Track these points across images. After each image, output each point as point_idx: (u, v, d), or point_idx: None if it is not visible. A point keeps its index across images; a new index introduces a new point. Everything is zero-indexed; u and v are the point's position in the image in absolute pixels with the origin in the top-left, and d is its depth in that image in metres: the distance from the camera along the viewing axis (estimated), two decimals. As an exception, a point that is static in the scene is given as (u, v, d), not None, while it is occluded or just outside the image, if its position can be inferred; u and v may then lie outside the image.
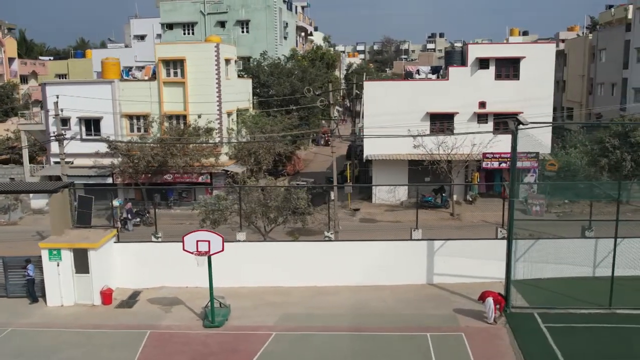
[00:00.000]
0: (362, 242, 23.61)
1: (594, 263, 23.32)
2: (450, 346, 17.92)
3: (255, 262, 22.89)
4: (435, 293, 22.28)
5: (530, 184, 34.20)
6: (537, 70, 33.32)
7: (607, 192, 24.83)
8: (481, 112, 34.03)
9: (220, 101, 34.36)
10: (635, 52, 47.59)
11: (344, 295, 22.12)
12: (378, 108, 34.01)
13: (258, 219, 24.56)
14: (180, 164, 31.93)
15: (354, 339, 18.49)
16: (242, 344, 18.40)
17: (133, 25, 60.71)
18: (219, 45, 34.38)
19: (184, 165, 32.23)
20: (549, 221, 29.03)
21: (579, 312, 20.13)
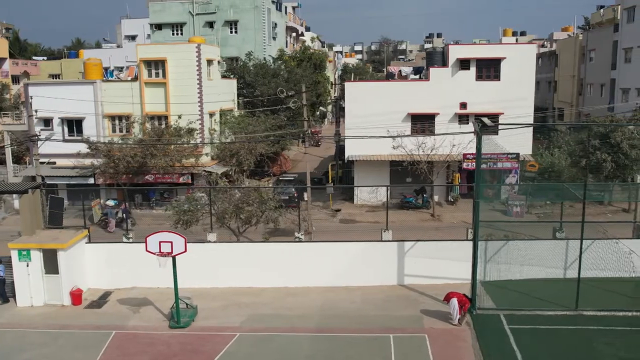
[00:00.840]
0: (333, 243, 23.64)
1: (564, 264, 23.32)
2: (412, 347, 17.92)
3: (226, 262, 22.94)
4: (404, 294, 22.29)
5: (512, 185, 34.17)
6: (517, 71, 33.29)
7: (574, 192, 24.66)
8: (462, 112, 34.01)
9: (201, 102, 34.41)
10: (623, 53, 47.51)
11: (314, 297, 22.14)
12: (359, 109, 34.03)
13: (231, 220, 24.57)
14: (160, 164, 31.97)
15: (317, 340, 18.51)
16: (205, 344, 18.43)
17: (124, 26, 60.81)
18: (200, 46, 34.43)
19: (164, 166, 32.27)
20: (515, 223, 28.98)
21: (545, 314, 20.09)
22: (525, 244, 23.61)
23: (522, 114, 32.91)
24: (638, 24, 44.94)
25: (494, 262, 23.51)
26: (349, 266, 22.70)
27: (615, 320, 19.50)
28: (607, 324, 19.20)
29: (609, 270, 23.24)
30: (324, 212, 35.83)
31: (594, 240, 23.33)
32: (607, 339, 18.15)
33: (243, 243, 23.85)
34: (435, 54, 35.30)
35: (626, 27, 47.04)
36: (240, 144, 33.75)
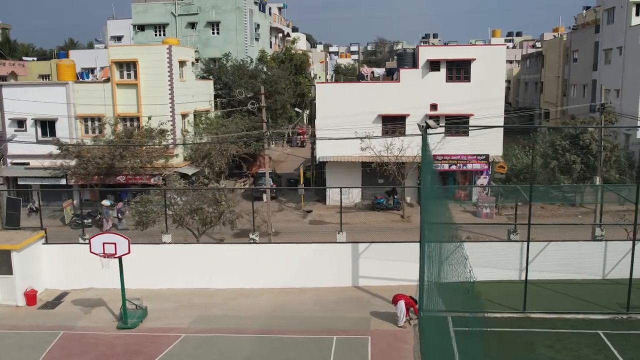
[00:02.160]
0: (288, 245, 23.73)
1: (519, 266, 23.31)
2: (353, 349, 17.96)
3: (182, 264, 23.03)
4: (357, 296, 22.34)
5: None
6: (488, 72, 33.26)
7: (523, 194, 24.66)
8: (433, 114, 34.00)
9: (172, 103, 34.53)
10: (603, 54, 47.43)
11: (266, 298, 22.21)
12: (330, 110, 34.08)
13: (189, 221, 24.66)
14: (130, 165, 32.09)
15: (260, 341, 18.58)
16: (148, 345, 18.51)
17: (110, 26, 61.02)
18: (171, 47, 34.54)
19: (134, 167, 32.38)
20: (467, 224, 28.95)
21: (492, 316, 20.11)
22: (483, 246, 23.67)
23: (493, 115, 32.87)
24: (617, 26, 44.85)
25: (449, 263, 23.55)
26: (303, 268, 22.75)
27: (561, 322, 19.50)
28: (552, 327, 19.21)
29: (564, 273, 23.32)
30: (295, 213, 35.91)
31: (549, 242, 23.40)
32: (550, 341, 18.18)
33: (198, 244, 23.96)
34: (406, 55, 35.31)
35: (606, 28, 46.97)
36: (211, 145, 33.86)
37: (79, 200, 35.62)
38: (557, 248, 23.09)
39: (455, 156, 33.03)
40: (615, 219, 26.72)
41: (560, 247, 23.15)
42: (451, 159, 33.17)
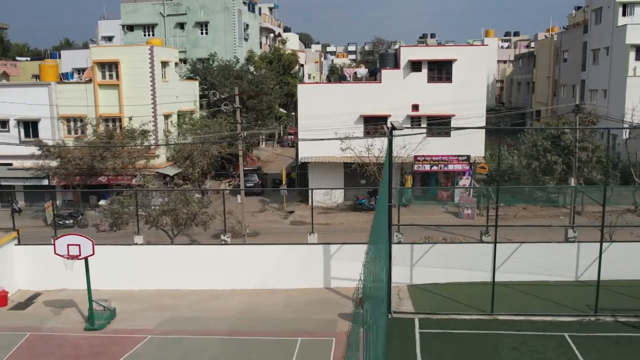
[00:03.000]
0: (259, 246, 23.73)
1: (492, 268, 23.22)
2: (316, 351, 17.94)
3: (153, 265, 23.03)
4: (328, 297, 22.31)
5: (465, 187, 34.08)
6: (469, 73, 33.18)
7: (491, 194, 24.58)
8: (414, 114, 33.96)
9: (154, 103, 34.53)
10: (591, 54, 47.31)
11: (237, 299, 22.20)
12: (312, 111, 34.05)
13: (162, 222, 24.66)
14: (110, 166, 32.11)
15: (224, 343, 18.57)
16: (113, 347, 18.51)
17: (101, 27, 61.06)
18: (153, 48, 34.54)
19: (114, 168, 32.39)
20: (433, 226, 28.92)
21: (460, 318, 20.07)
22: (454, 247, 23.62)
23: (475, 115, 32.82)
24: (605, 26, 44.74)
25: (421, 265, 23.52)
26: (274, 269, 22.75)
27: (528, 324, 19.43)
28: (519, 329, 19.15)
29: (536, 274, 23.25)
30: (277, 214, 35.91)
31: (521, 243, 23.33)
32: (515, 344, 18.12)
33: (169, 245, 23.95)
34: (388, 55, 35.25)
35: (594, 28, 46.87)
36: (193, 146, 33.86)
37: (62, 201, 35.66)
38: (529, 249, 23.04)
39: (436, 157, 32.97)
40: (592, 221, 26.65)
41: (532, 248, 23.10)
42: (432, 159, 33.09)
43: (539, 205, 31.94)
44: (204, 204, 24.15)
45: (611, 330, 19.05)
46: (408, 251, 23.16)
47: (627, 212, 27.81)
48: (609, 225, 22.78)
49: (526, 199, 36.07)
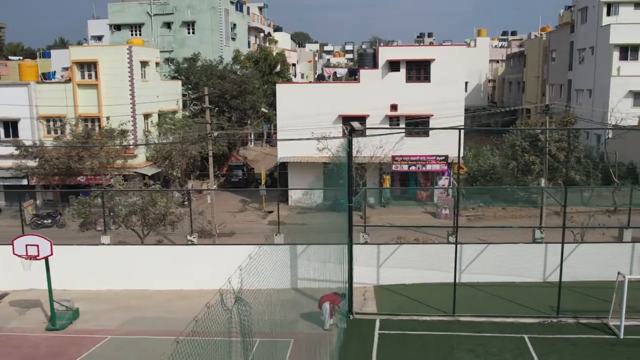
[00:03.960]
0: (226, 246, 23.75)
1: (459, 269, 23.15)
2: (272, 352, 17.88)
3: (121, 265, 23.04)
4: (293, 297, 22.21)
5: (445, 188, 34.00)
6: (447, 72, 33.08)
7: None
8: (393, 114, 33.88)
9: (133, 103, 34.54)
10: (577, 54, 47.16)
11: (203, 300, 21.95)
12: (291, 111, 34.00)
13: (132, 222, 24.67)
14: (87, 166, 32.14)
15: (182, 343, 18.54)
16: (71, 347, 18.54)
17: (90, 26, 61.12)
18: (131, 48, 34.55)
19: (92, 168, 32.41)
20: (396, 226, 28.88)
21: (422, 319, 20.02)
22: (420, 248, 23.55)
23: (454, 115, 32.73)
24: (590, 25, 44.59)
25: (389, 266, 23.48)
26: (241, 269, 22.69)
27: (489, 326, 19.36)
28: (480, 330, 19.08)
29: (504, 275, 23.16)
30: (256, 214, 35.90)
31: (488, 244, 23.26)
32: (473, 345, 18.05)
33: (136, 246, 23.97)
34: (366, 55, 35.17)
35: (580, 28, 46.72)
36: (171, 146, 33.87)
37: (42, 201, 35.73)
38: (496, 250, 22.97)
39: (414, 157, 32.90)
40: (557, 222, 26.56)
41: (500, 249, 23.02)
42: (410, 159, 33.03)
43: (514, 206, 31.84)
44: (171, 204, 24.12)
45: (572, 332, 18.96)
46: (375, 252, 23.16)
47: (606, 212, 27.68)
48: (570, 227, 22.69)
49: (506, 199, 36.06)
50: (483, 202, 34.67)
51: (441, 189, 33.89)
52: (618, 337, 18.34)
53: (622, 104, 40.66)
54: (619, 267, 22.35)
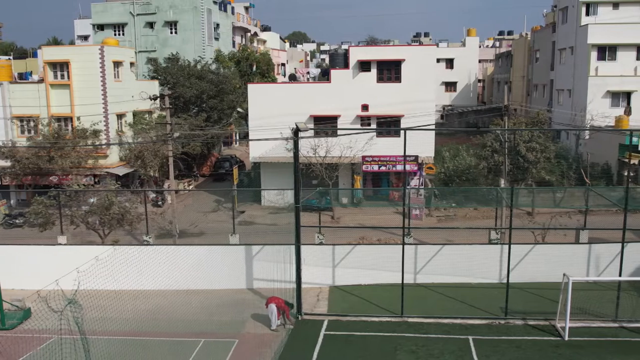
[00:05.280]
0: (181, 247, 23.77)
1: (414, 270, 23.15)
2: (214, 352, 17.94)
3: (77, 265, 23.04)
4: (246, 298, 22.29)
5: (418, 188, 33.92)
6: (418, 73, 32.99)
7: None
8: (364, 114, 33.83)
9: (105, 103, 34.60)
10: (558, 54, 47.00)
11: (155, 300, 22.22)
12: (262, 111, 33.98)
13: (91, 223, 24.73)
14: (59, 166, 32.20)
15: (125, 343, 18.64)
16: (15, 346, 18.64)
17: (77, 26, 61.22)
18: (103, 48, 34.60)
19: (63, 168, 32.46)
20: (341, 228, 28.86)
21: (370, 320, 20.02)
22: (376, 249, 23.50)
23: (425, 115, 32.66)
24: (570, 25, 44.46)
25: (345, 267, 23.44)
26: (196, 270, 22.75)
27: (436, 327, 19.35)
28: (426, 332, 19.07)
29: (460, 276, 23.11)
30: (228, 214, 35.83)
31: (443, 245, 23.20)
32: (416, 347, 18.03)
33: (91, 245, 24.01)
34: (337, 55, 35.14)
35: (561, 28, 46.56)
36: (143, 146, 33.89)
37: (16, 200, 35.85)
38: (453, 251, 22.92)
39: (384, 157, 32.85)
40: (524, 222, 26.53)
41: (457, 250, 22.99)
42: (380, 160, 32.98)
43: (485, 207, 31.75)
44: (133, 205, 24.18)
45: (518, 333, 18.93)
46: (330, 252, 23.14)
47: (567, 214, 27.59)
48: (518, 228, 22.57)
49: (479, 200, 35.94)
50: (455, 202, 34.61)
51: (413, 189, 33.81)
52: (563, 338, 18.32)
53: (600, 104, 40.59)
54: (575, 269, 22.41)
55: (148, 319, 20.37)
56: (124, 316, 20.74)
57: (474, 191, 33.37)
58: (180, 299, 22.17)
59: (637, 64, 40.64)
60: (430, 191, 34.03)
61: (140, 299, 22.29)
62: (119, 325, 20.14)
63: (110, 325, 19.87)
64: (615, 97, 40.49)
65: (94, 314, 20.99)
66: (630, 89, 40.18)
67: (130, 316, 20.70)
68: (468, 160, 37.37)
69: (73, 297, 13.26)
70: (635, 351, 17.47)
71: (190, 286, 22.83)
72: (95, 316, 20.75)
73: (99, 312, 21.13)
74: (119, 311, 21.30)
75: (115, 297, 22.75)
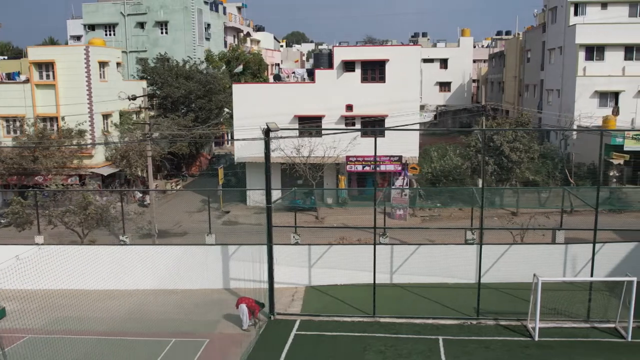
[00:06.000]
0: (158, 247, 23.82)
1: (390, 270, 23.16)
2: (183, 352, 17.96)
3: (54, 265, 23.10)
4: (222, 298, 22.30)
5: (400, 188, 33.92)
6: (402, 73, 32.97)
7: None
8: (348, 114, 33.83)
9: (91, 103, 34.66)
10: (548, 54, 46.95)
11: (132, 300, 22.27)
12: (247, 111, 34.00)
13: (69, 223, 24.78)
14: (44, 166, 32.28)
15: (98, 343, 18.69)
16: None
17: (69, 26, 61.34)
18: (88, 48, 34.67)
19: (47, 167, 32.54)
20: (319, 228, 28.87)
21: (342, 320, 20.02)
22: (352, 249, 23.49)
23: (409, 114, 32.67)
24: (559, 25, 44.39)
25: (321, 267, 23.44)
26: (173, 270, 22.80)
27: (407, 327, 19.34)
28: (396, 332, 19.07)
29: (437, 276, 23.10)
30: (214, 214, 35.89)
31: (419, 245, 23.19)
32: (385, 347, 18.04)
33: (68, 245, 24.04)
34: (322, 55, 35.13)
35: (551, 28, 46.51)
36: (128, 146, 33.95)
37: (2, 200, 35.92)
38: (429, 251, 22.92)
39: (368, 157, 32.85)
40: (504, 223, 26.52)
41: (432, 250, 22.99)
42: (364, 160, 32.98)
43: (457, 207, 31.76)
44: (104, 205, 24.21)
45: (489, 334, 18.91)
46: (306, 253, 23.16)
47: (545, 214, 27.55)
48: (488, 228, 22.60)
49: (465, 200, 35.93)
50: (440, 202, 34.61)
51: (398, 189, 33.83)
52: (533, 339, 18.31)
53: (587, 105, 40.53)
54: (551, 269, 22.45)
55: (123, 319, 20.41)
56: (102, 315, 20.80)
57: (460, 191, 33.38)
58: (157, 299, 22.21)
59: (625, 64, 40.56)
60: (416, 191, 34.04)
61: (120, 298, 22.36)
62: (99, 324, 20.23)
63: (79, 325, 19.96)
64: (603, 97, 40.42)
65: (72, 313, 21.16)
66: (618, 89, 40.11)
67: (110, 315, 20.76)
68: (455, 160, 37.38)
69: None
70: (604, 351, 17.47)
71: (167, 286, 22.87)
72: (76, 316, 20.91)
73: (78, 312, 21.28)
74: (97, 310, 21.37)
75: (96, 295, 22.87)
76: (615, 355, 17.21)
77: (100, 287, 23.00)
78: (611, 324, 18.90)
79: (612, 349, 17.60)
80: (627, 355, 17.27)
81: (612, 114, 38.79)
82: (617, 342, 18.04)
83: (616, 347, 17.76)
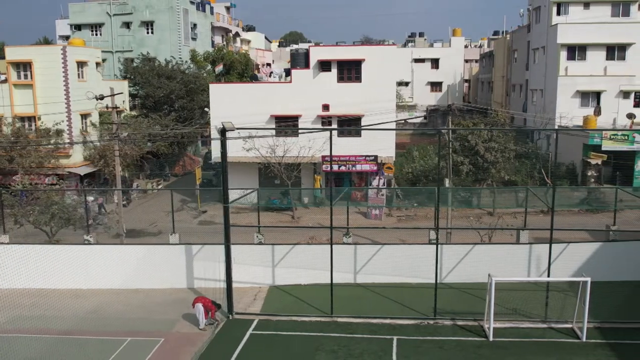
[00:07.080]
0: (122, 246, 23.85)
1: (354, 270, 23.14)
2: (136, 351, 17.95)
3: (19, 264, 23.15)
4: (184, 297, 22.26)
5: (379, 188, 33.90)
6: (379, 72, 32.93)
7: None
8: (325, 114, 33.81)
9: (68, 103, 34.74)
10: (532, 54, 46.85)
11: (96, 299, 22.30)
12: (224, 111, 33.96)
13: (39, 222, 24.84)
14: (20, 165, 32.37)
15: (54, 342, 18.68)
16: None
17: (58, 26, 61.47)
18: (65, 48, 34.77)
19: (23, 167, 32.63)
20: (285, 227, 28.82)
21: (300, 320, 20.00)
22: (316, 249, 23.45)
23: (385, 113, 32.64)
24: (542, 25, 44.29)
25: (285, 266, 23.42)
26: (137, 269, 22.83)
27: (363, 327, 19.30)
28: (352, 332, 19.04)
29: (400, 276, 23.05)
30: (191, 213, 36.00)
31: (382, 245, 23.16)
32: (338, 347, 18.02)
33: (33, 245, 24.08)
34: (299, 55, 35.10)
35: (535, 27, 46.41)
36: (105, 145, 34.02)
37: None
38: (392, 251, 22.88)
39: (344, 157, 32.84)
40: (471, 223, 26.45)
41: (396, 250, 22.95)
42: (340, 159, 32.96)
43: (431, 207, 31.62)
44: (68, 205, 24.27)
45: (444, 334, 18.87)
46: (269, 252, 23.16)
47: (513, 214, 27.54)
48: (445, 228, 22.52)
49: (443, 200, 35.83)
50: (417, 202, 34.57)
51: (375, 189, 33.81)
52: (488, 339, 18.27)
53: (569, 104, 40.46)
54: (516, 269, 22.40)
55: (83, 318, 20.43)
56: (63, 314, 20.80)
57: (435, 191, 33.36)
58: (120, 298, 22.22)
59: (607, 64, 40.46)
60: (393, 191, 34.02)
61: (84, 297, 22.37)
62: (58, 323, 20.25)
63: (38, 324, 19.99)
64: (585, 97, 40.33)
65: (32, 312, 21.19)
66: (599, 89, 40.03)
67: (71, 314, 20.76)
68: (434, 160, 37.30)
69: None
70: (558, 351, 17.43)
71: (131, 285, 22.90)
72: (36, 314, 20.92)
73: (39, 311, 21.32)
74: (59, 309, 21.39)
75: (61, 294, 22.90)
76: (567, 356, 17.16)
77: (64, 286, 23.01)
78: (569, 324, 18.87)
79: (565, 349, 17.56)
80: (580, 355, 17.22)
81: (594, 114, 38.68)
82: (572, 342, 18.00)
83: (570, 347, 17.72)
